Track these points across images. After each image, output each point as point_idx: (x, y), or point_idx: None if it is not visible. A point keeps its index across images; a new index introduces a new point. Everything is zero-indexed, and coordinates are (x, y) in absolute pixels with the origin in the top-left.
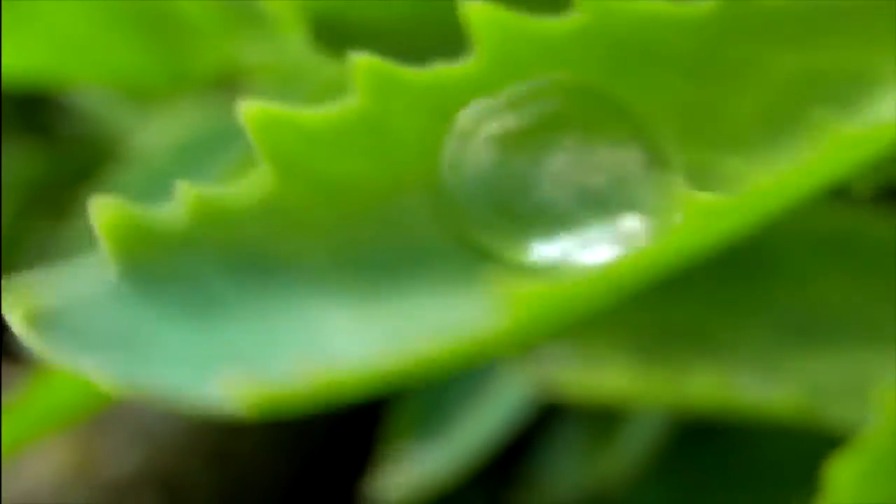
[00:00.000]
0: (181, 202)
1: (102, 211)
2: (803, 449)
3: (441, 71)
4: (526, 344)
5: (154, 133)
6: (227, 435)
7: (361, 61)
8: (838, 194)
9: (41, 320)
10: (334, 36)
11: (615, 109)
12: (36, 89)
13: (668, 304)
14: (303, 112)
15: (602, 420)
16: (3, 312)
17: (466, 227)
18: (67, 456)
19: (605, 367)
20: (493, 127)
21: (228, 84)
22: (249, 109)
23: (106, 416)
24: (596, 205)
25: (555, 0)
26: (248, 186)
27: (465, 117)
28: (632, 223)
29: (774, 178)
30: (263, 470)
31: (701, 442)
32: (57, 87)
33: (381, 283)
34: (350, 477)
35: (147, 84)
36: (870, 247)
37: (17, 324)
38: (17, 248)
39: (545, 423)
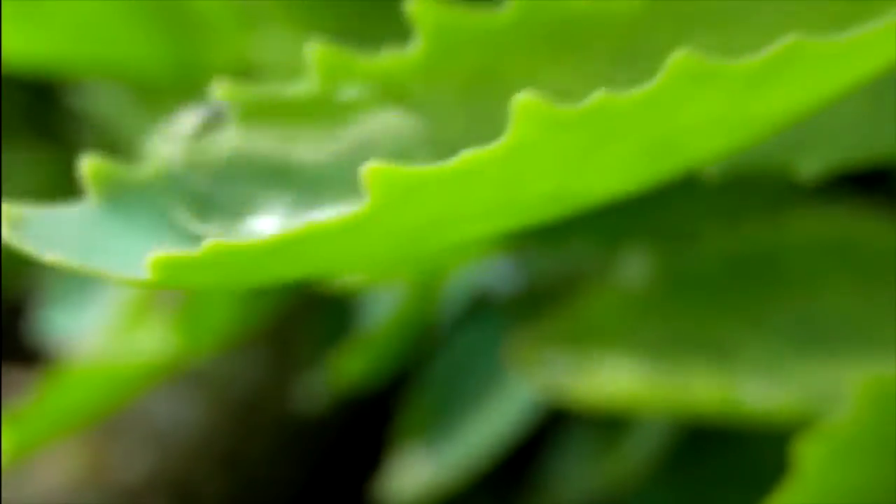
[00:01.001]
0: (153, 161)
1: (90, 164)
2: None
3: (389, 57)
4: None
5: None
6: (238, 439)
7: (317, 49)
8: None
9: (21, 224)
10: None
11: None
12: (44, 80)
13: (674, 312)
14: (265, 89)
15: (608, 425)
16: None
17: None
18: (80, 460)
19: (612, 372)
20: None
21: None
22: None
23: (118, 421)
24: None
25: None
26: (217, 144)
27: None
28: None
29: None
30: (273, 473)
31: (706, 446)
32: (65, 77)
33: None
34: (359, 480)
35: (157, 78)
36: (875, 255)
37: (4, 227)
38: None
39: (553, 427)
